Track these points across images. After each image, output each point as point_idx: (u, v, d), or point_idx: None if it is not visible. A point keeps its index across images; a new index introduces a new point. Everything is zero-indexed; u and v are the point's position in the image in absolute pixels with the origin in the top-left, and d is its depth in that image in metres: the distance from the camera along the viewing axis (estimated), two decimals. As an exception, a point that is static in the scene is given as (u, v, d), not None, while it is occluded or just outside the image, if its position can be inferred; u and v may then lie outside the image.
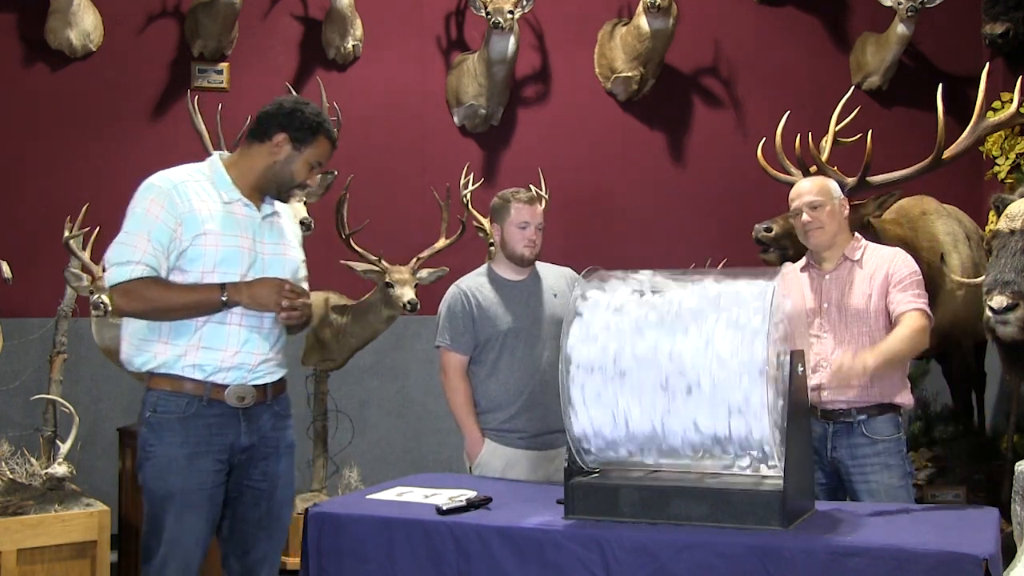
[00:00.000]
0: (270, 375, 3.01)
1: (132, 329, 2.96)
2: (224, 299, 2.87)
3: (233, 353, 2.92)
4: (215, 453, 2.91)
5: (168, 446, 2.87)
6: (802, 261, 3.69)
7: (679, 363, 2.65)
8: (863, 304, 3.47)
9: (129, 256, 2.85)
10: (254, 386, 2.95)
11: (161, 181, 2.93)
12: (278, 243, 3.06)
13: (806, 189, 3.58)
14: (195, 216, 2.89)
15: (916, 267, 3.50)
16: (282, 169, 2.98)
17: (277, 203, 3.11)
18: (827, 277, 3.56)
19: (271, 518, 3.05)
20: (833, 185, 3.61)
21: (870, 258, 3.54)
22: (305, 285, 3.12)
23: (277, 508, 3.06)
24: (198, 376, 2.90)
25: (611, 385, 2.72)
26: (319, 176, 3.06)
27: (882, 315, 3.45)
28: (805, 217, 3.54)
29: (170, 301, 2.86)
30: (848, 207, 3.63)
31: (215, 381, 2.90)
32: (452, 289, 3.82)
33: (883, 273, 3.47)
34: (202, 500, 2.90)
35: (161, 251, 2.87)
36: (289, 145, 2.96)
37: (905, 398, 3.50)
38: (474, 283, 3.81)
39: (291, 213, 3.23)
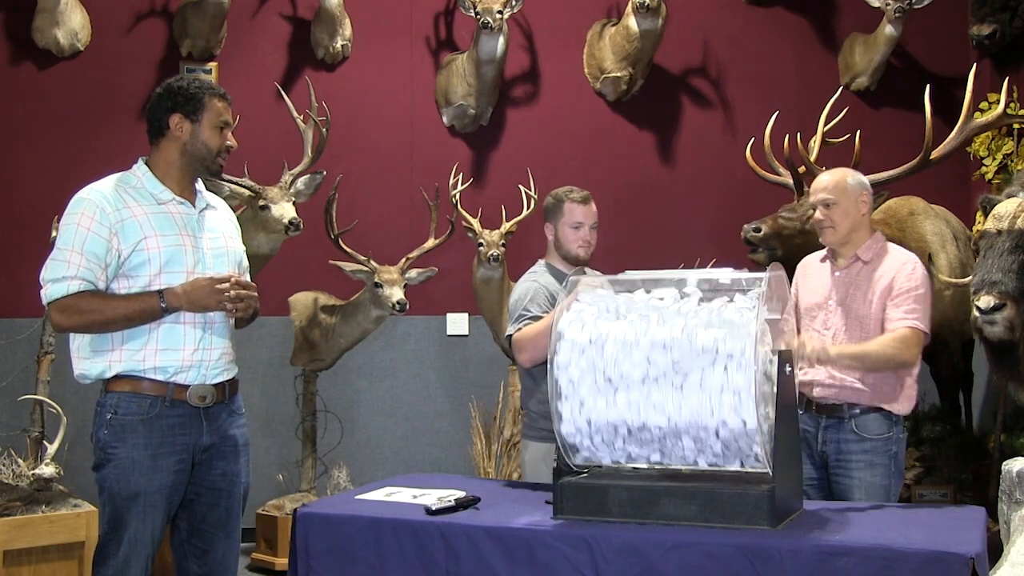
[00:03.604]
0: (227, 372, 3.04)
1: (80, 343, 2.96)
2: (164, 306, 2.88)
3: (192, 351, 2.95)
4: (178, 453, 2.94)
5: (131, 448, 2.88)
6: (824, 251, 3.64)
7: (668, 364, 2.65)
8: (864, 308, 3.44)
9: (64, 272, 2.86)
10: (213, 385, 2.99)
11: (90, 194, 2.94)
12: (218, 236, 3.08)
13: (821, 185, 3.51)
14: (132, 223, 2.91)
15: (921, 279, 3.44)
16: (194, 146, 3.01)
17: (211, 197, 3.15)
18: (837, 274, 3.53)
19: (230, 516, 3.08)
20: (852, 180, 3.51)
21: (882, 261, 3.49)
22: (247, 276, 3.13)
23: (236, 507, 3.10)
24: (160, 377, 2.91)
25: (599, 385, 2.71)
26: (230, 143, 3.08)
27: (879, 323, 3.42)
28: (818, 215, 3.51)
29: (109, 313, 2.87)
30: (868, 202, 3.53)
31: (177, 381, 2.93)
32: (528, 284, 3.59)
33: (887, 282, 3.43)
34: (163, 500, 2.93)
35: (97, 263, 2.88)
36: (187, 121, 3.00)
37: (897, 407, 3.44)
38: (546, 281, 3.59)
39: (226, 206, 3.26)
